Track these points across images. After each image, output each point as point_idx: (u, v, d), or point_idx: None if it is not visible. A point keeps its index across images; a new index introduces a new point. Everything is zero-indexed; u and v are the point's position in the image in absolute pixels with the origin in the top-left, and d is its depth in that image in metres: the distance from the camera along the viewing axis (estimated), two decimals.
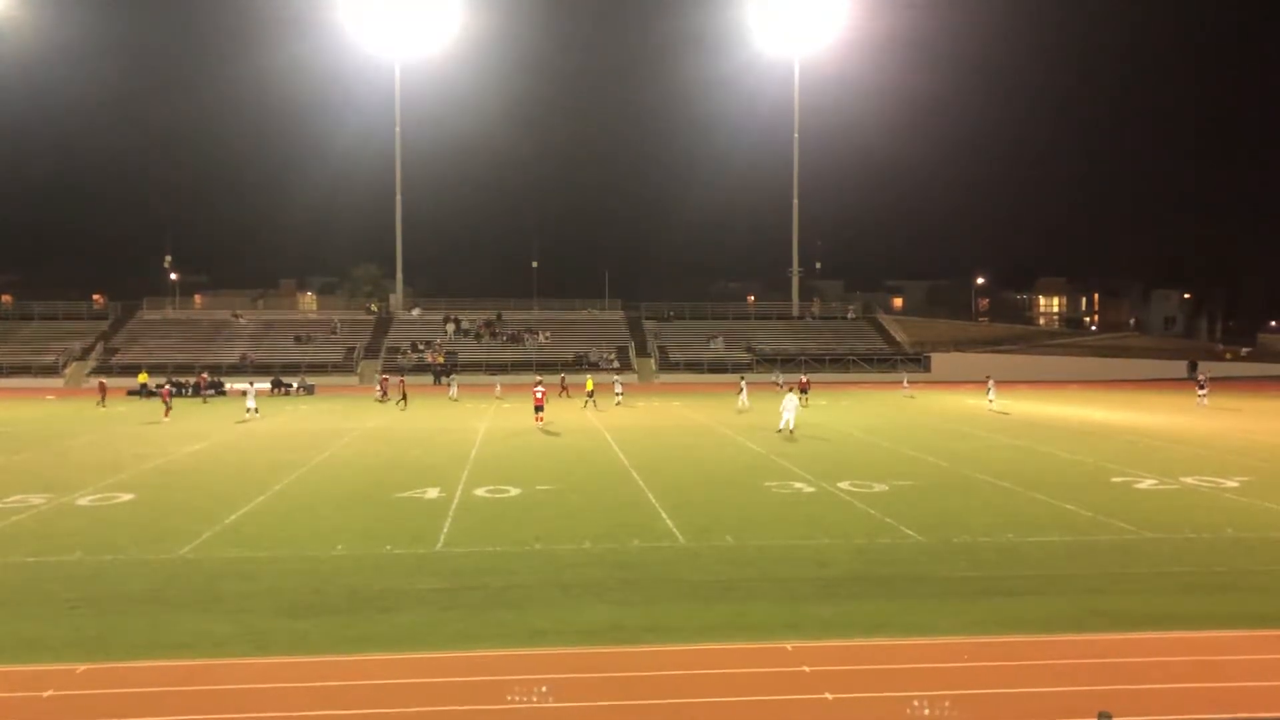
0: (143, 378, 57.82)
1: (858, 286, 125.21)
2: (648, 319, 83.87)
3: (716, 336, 79.93)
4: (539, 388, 37.97)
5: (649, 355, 76.73)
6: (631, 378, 70.80)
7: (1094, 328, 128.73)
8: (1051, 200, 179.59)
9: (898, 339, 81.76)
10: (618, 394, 49.89)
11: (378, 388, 54.49)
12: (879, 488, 22.15)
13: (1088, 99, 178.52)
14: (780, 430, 33.08)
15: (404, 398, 48.72)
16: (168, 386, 47.00)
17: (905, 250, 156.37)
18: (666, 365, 74.43)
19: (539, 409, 37.24)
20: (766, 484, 22.82)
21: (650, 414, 43.36)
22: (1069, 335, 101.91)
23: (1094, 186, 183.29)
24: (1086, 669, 10.64)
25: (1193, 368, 75.87)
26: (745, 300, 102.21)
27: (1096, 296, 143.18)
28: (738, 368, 72.11)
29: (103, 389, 50.93)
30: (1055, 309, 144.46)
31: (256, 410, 41.82)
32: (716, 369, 73.05)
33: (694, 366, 73.60)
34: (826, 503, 20.43)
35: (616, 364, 72.55)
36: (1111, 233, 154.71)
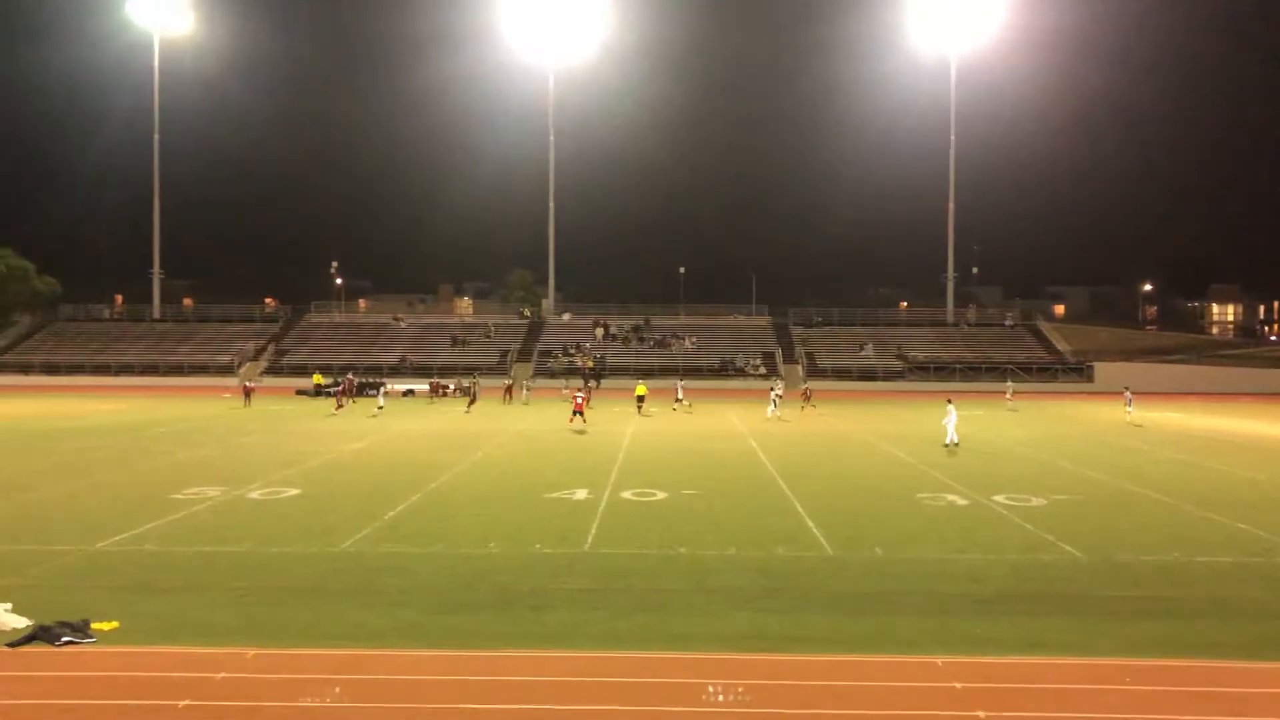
0: (318, 379, 60.51)
1: (1016, 293, 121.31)
2: (795, 325, 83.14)
3: (866, 343, 78.57)
4: (579, 393, 40.85)
5: (796, 361, 76.03)
6: (780, 384, 70.23)
7: (1273, 338, 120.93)
8: (1225, 202, 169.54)
9: (1059, 348, 78.64)
10: (679, 399, 50.14)
11: (523, 390, 55.97)
12: (1036, 501, 21.39)
13: (1272, 90, 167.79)
14: (946, 445, 31.99)
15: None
16: (342, 386, 50.01)
17: (1067, 255, 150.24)
18: (814, 372, 73.56)
19: (578, 412, 38.76)
20: (918, 495, 22.31)
21: (797, 421, 42.94)
22: (1244, 345, 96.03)
23: (1276, 185, 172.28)
24: (1257, 699, 10.03)
25: None
26: (897, 307, 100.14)
27: (1277, 305, 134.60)
28: (889, 375, 70.74)
29: (247, 392, 52.03)
30: (1229, 318, 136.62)
31: (382, 408, 45.95)
32: (867, 376, 71.81)
33: (843, 374, 72.47)
34: (981, 516, 19.85)
35: (763, 370, 72.15)
36: None
